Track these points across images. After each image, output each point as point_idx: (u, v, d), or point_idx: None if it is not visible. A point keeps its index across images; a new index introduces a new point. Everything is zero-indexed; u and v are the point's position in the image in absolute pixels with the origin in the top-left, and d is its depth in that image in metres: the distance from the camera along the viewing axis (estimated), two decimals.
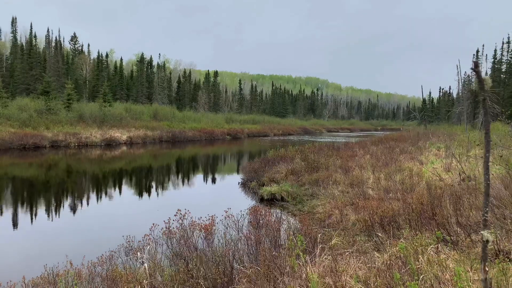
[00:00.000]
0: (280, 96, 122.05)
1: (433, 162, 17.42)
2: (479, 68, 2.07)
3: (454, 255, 5.67)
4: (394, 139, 30.88)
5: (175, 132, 47.63)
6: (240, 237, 6.18)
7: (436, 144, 24.82)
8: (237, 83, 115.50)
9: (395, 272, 3.72)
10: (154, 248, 6.25)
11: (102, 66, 73.30)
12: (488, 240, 2.28)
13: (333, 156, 19.59)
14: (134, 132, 42.99)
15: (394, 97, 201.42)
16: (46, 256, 7.90)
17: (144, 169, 25.08)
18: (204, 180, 21.30)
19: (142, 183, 19.94)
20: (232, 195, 15.98)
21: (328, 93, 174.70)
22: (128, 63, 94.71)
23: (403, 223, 7.34)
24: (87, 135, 37.44)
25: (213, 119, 65.03)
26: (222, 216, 6.91)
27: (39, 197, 15.62)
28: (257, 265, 4.89)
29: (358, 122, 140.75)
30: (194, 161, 31.41)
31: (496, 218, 7.27)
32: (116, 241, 7.00)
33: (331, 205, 10.95)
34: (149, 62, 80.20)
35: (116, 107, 50.01)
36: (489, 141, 2.23)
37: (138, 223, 10.72)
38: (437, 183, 11.78)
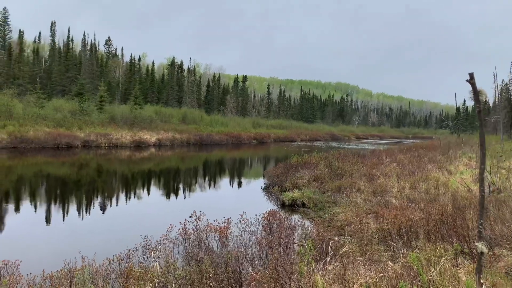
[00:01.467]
0: (308, 101, 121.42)
1: (462, 172, 16.89)
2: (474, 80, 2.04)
3: (474, 268, 5.51)
4: (423, 148, 30.14)
5: (202, 136, 48.27)
6: (252, 241, 6.24)
7: (468, 153, 24.03)
8: (266, 87, 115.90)
9: (401, 282, 3.67)
10: (170, 248, 6.40)
11: (134, 69, 75.32)
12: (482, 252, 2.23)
13: (358, 164, 19.34)
14: (163, 134, 43.87)
15: (426, 104, 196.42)
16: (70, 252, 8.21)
17: (171, 171, 25.56)
18: (228, 183, 21.48)
19: (168, 184, 20.34)
20: (253, 200, 16.06)
21: (358, 99, 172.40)
22: (160, 66, 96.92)
23: (422, 233, 7.19)
24: (117, 136, 38.52)
25: (240, 123, 65.49)
26: (237, 220, 6.99)
27: (70, 195, 16.22)
28: (266, 269, 4.92)
29: (389, 129, 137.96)
30: (220, 164, 31.73)
31: None
32: (136, 239, 7.20)
33: (352, 213, 10.83)
34: (179, 66, 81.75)
35: (146, 109, 51.23)
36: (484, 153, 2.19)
37: (159, 223, 10.95)
38: (464, 194, 11.43)
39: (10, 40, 63.81)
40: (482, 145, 2.22)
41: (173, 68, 79.81)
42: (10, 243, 9.33)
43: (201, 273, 5.01)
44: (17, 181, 18.94)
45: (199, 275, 4.99)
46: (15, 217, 12.05)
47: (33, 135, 32.02)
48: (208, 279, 4.88)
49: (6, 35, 64.02)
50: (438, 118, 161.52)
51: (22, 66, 55.61)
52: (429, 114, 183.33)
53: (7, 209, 13.03)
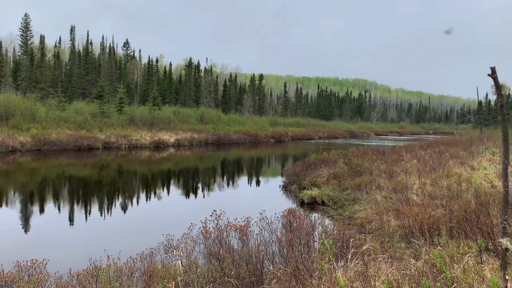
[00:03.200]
0: (326, 98, 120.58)
1: (485, 168, 16.52)
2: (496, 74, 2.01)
3: (499, 265, 5.40)
4: (444, 143, 29.57)
5: (220, 135, 48.54)
6: (272, 239, 6.27)
7: (491, 148, 23.46)
8: (282, 86, 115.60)
9: (424, 278, 3.64)
10: (191, 247, 6.49)
11: (152, 70, 76.28)
12: (507, 248, 2.20)
13: (377, 160, 19.12)
14: (182, 134, 44.31)
15: (447, 99, 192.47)
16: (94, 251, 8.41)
17: (190, 170, 25.82)
18: (246, 182, 21.57)
19: (188, 183, 20.56)
20: (272, 198, 16.08)
21: (376, 95, 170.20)
22: (177, 67, 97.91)
23: (445, 230, 7.08)
24: (137, 137, 39.10)
25: (258, 122, 65.56)
26: (257, 218, 7.03)
27: (93, 196, 16.57)
28: (286, 267, 4.95)
29: (408, 126, 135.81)
30: (238, 163, 31.87)
31: None
32: (158, 238, 7.33)
33: (372, 210, 10.73)
34: (196, 66, 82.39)
35: (165, 110, 51.84)
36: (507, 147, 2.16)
37: (180, 222, 11.10)
38: (487, 190, 11.19)
39: (32, 46, 65.51)
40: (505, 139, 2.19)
41: (190, 69, 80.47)
42: (37, 243, 9.62)
43: (223, 271, 5.07)
44: (41, 182, 19.47)
45: (221, 273, 5.05)
46: (41, 218, 12.40)
47: (55, 138, 32.82)
48: (230, 277, 4.93)
49: (28, 40, 65.74)
50: (459, 113, 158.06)
51: (44, 70, 57.01)
52: (450, 109, 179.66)
53: (33, 210, 13.43)
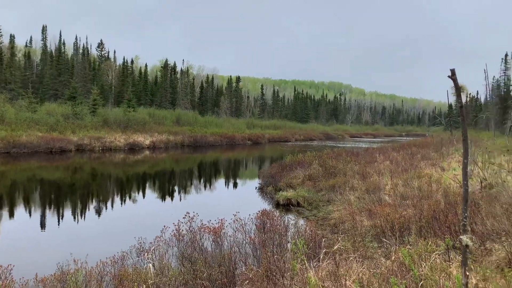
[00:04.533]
0: (302, 101, 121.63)
1: (455, 168, 17.02)
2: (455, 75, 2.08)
3: None
4: (416, 145, 30.32)
5: (196, 137, 48.21)
6: (245, 240, 6.26)
7: (460, 150, 24.22)
8: (259, 88, 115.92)
9: (393, 277, 3.71)
10: (164, 250, 6.41)
11: (127, 72, 75.06)
12: (467, 245, 2.27)
13: (351, 162, 19.42)
14: (157, 137, 43.77)
15: (419, 102, 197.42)
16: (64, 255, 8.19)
17: (165, 173, 25.52)
18: (223, 184, 21.49)
19: (163, 186, 20.31)
20: (248, 200, 16.09)
21: (351, 98, 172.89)
22: (153, 69, 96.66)
23: (415, 229, 7.25)
24: (111, 140, 38.37)
25: (235, 124, 65.47)
26: (231, 220, 7.01)
27: (64, 199, 16.14)
28: (259, 268, 4.95)
29: (382, 128, 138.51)
30: (214, 165, 31.73)
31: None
32: (130, 242, 7.20)
33: (346, 211, 10.88)
34: (172, 68, 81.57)
35: (140, 112, 51.10)
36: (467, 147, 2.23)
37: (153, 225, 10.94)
38: (456, 190, 11.53)
39: (1, 45, 63.32)
40: (464, 139, 2.26)
41: (166, 70, 79.59)
42: (3, 249, 9.28)
43: (195, 273, 5.03)
44: (10, 186, 18.82)
45: (193, 275, 5.00)
46: (9, 222, 11.98)
47: (25, 140, 31.80)
48: (202, 279, 4.89)
49: None
50: (431, 115, 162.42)
51: (13, 71, 55.16)
52: (422, 112, 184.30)
53: (0, 215, 12.95)
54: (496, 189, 10.67)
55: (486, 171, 13.72)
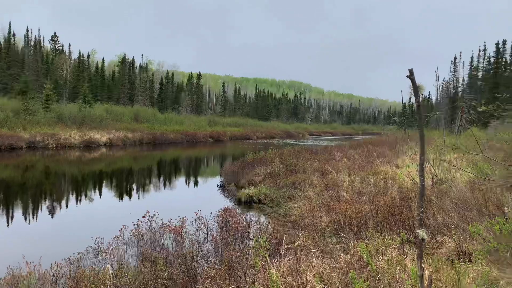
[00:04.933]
0: (263, 99, 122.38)
1: (408, 165, 17.78)
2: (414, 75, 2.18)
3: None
4: (372, 143, 31.37)
5: (156, 134, 47.28)
6: (207, 239, 6.23)
7: (414, 148, 25.31)
8: (221, 85, 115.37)
9: (352, 271, 3.83)
10: (123, 249, 6.25)
11: (83, 66, 72.29)
12: (423, 238, 2.40)
13: (311, 159, 19.81)
14: (115, 134, 42.48)
15: (375, 101, 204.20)
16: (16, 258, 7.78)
17: (123, 171, 24.83)
18: (183, 182, 21.23)
19: (121, 185, 19.76)
20: (209, 198, 15.99)
21: (311, 97, 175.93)
22: (110, 64, 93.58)
23: (372, 224, 7.51)
24: (66, 137, 36.82)
25: (196, 122, 64.79)
26: (193, 218, 6.95)
27: (15, 199, 15.31)
28: (221, 266, 4.95)
29: (340, 126, 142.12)
30: (175, 163, 31.27)
31: (461, 220, 7.50)
32: (87, 242, 6.95)
33: (306, 207, 11.08)
34: (131, 63, 79.41)
35: (96, 108, 49.40)
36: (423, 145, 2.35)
37: (111, 225, 10.64)
38: (410, 186, 12.05)
39: None
40: (421, 137, 2.37)
41: (125, 65, 77.36)
42: None
43: (155, 273, 4.94)
44: None
45: (153, 275, 4.91)
46: None
47: None
48: (163, 278, 4.82)
49: None
50: (386, 114, 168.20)
51: None
52: (378, 111, 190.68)
53: None
54: (446, 185, 11.26)
55: (437, 168, 14.44)
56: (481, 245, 5.34)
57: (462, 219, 7.43)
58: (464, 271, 4.64)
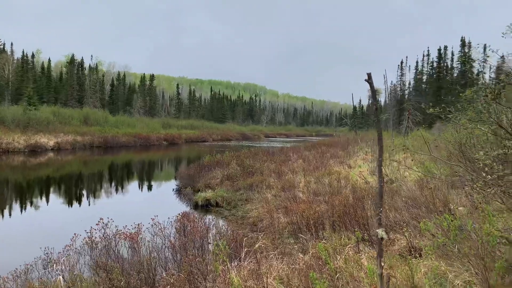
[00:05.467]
0: (219, 101, 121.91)
1: (360, 166, 18.43)
2: (372, 79, 2.27)
3: (374, 254, 6.05)
4: (326, 145, 32.19)
5: (107, 138, 45.66)
6: (165, 245, 6.09)
7: (364, 149, 26.28)
8: (175, 87, 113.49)
9: (311, 272, 3.90)
10: (75, 259, 5.95)
11: (27, 67, 68.36)
12: (382, 238, 2.48)
13: (267, 161, 19.97)
14: (63, 137, 40.54)
15: (327, 104, 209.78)
16: None
17: (73, 176, 23.73)
18: (137, 187, 20.64)
19: (70, 191, 18.86)
20: (165, 203, 15.67)
21: (266, 100, 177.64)
22: (57, 64, 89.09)
23: (328, 224, 7.69)
24: (8, 141, 34.61)
25: (149, 124, 63.29)
26: (149, 224, 6.76)
27: None
28: (180, 272, 4.85)
29: (294, 128, 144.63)
30: (128, 167, 30.34)
31: (411, 217, 7.87)
32: (35, 253, 6.56)
33: (263, 209, 11.14)
34: (80, 63, 76.12)
35: (42, 111, 46.88)
36: (382, 146, 2.44)
37: (62, 233, 10.13)
38: (362, 185, 12.48)
39: None
40: (379, 139, 2.45)
41: (73, 66, 74.02)
42: None
43: (111, 282, 4.75)
44: None
45: (109, 284, 4.72)
46: None
47: None
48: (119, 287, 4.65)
49: None
50: (338, 116, 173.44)
51: None
52: (330, 113, 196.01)
53: None
54: (397, 184, 11.78)
55: (388, 167, 15.07)
56: (430, 241, 5.62)
57: (412, 216, 7.79)
58: (416, 266, 4.87)
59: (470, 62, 51.63)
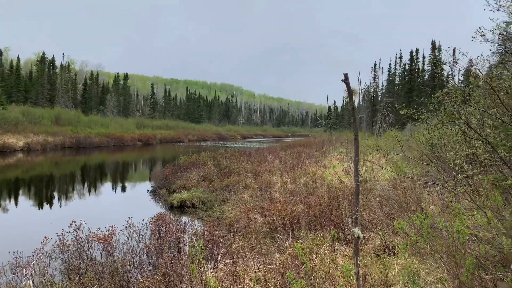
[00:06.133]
0: (195, 101, 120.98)
1: (335, 166, 18.67)
2: (348, 80, 2.30)
3: (349, 252, 6.13)
4: (301, 145, 32.46)
5: (80, 138, 44.56)
6: (140, 247, 5.98)
7: (339, 149, 26.65)
8: (150, 87, 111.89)
9: (288, 271, 3.91)
10: (46, 263, 5.76)
11: None
12: (359, 237, 2.52)
13: (244, 162, 19.96)
14: (33, 137, 39.30)
15: (303, 105, 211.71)
16: None
17: (43, 178, 23.02)
18: (111, 189, 20.22)
19: (41, 193, 18.28)
20: (140, 204, 15.41)
21: (242, 100, 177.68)
22: (27, 62, 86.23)
23: (304, 224, 7.75)
24: None
25: (123, 124, 62.20)
26: (123, 226, 6.62)
27: None
28: (155, 274, 4.77)
29: (271, 129, 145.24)
30: (101, 168, 29.68)
31: (385, 216, 8.02)
32: (2, 257, 6.32)
33: (240, 209, 11.12)
34: (51, 62, 73.92)
35: (11, 110, 45.35)
36: (358, 145, 2.47)
37: (31, 237, 9.81)
38: (337, 185, 12.64)
39: None
40: (356, 138, 2.49)
41: (43, 64, 71.77)
42: None
43: (84, 286, 4.63)
44: None
45: None
46: None
47: None
48: None
49: None
50: (313, 117, 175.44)
51: None
52: (305, 114, 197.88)
53: None
54: (371, 183, 11.99)
55: (362, 167, 15.33)
56: (403, 239, 5.74)
57: (386, 215, 7.93)
58: (390, 264, 4.96)
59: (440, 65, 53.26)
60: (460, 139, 6.94)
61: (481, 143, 5.94)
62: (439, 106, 7.30)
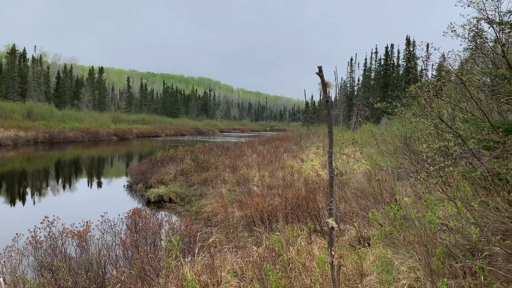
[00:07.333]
0: (172, 95, 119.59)
1: (312, 159, 18.86)
2: (322, 72, 2.32)
3: (325, 244, 6.22)
4: (279, 139, 32.62)
5: (53, 133, 43.44)
6: (116, 242, 5.90)
7: (316, 143, 26.92)
8: (125, 80, 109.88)
9: (265, 264, 3.94)
10: (17, 260, 5.61)
11: None
12: (333, 227, 2.56)
13: (222, 156, 19.91)
14: (3, 132, 38.09)
15: (281, 99, 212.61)
16: None
17: (14, 174, 22.34)
18: (86, 184, 19.82)
19: (12, 189, 17.74)
20: (116, 199, 15.18)
21: (220, 94, 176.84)
22: None
23: (282, 217, 7.81)
24: None
25: (98, 119, 60.97)
26: (98, 222, 6.51)
27: None
28: (131, 269, 4.72)
29: (249, 123, 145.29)
30: (75, 164, 29.03)
31: (360, 208, 8.17)
32: None
33: (218, 203, 11.11)
34: (22, 54, 71.54)
35: None
36: (332, 138, 2.51)
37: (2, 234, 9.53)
38: (314, 178, 12.79)
39: None
40: (330, 131, 2.52)
41: (14, 57, 69.39)
42: None
43: (57, 283, 4.54)
44: None
45: (55, 285, 4.50)
46: None
47: None
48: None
49: None
50: (291, 112, 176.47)
51: None
52: (283, 109, 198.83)
53: None
54: (346, 176, 12.18)
55: (338, 160, 15.54)
56: (378, 230, 5.87)
57: (361, 207, 8.08)
58: (365, 255, 5.07)
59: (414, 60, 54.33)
60: (433, 132, 7.12)
61: (452, 136, 6.11)
62: (413, 100, 7.46)
